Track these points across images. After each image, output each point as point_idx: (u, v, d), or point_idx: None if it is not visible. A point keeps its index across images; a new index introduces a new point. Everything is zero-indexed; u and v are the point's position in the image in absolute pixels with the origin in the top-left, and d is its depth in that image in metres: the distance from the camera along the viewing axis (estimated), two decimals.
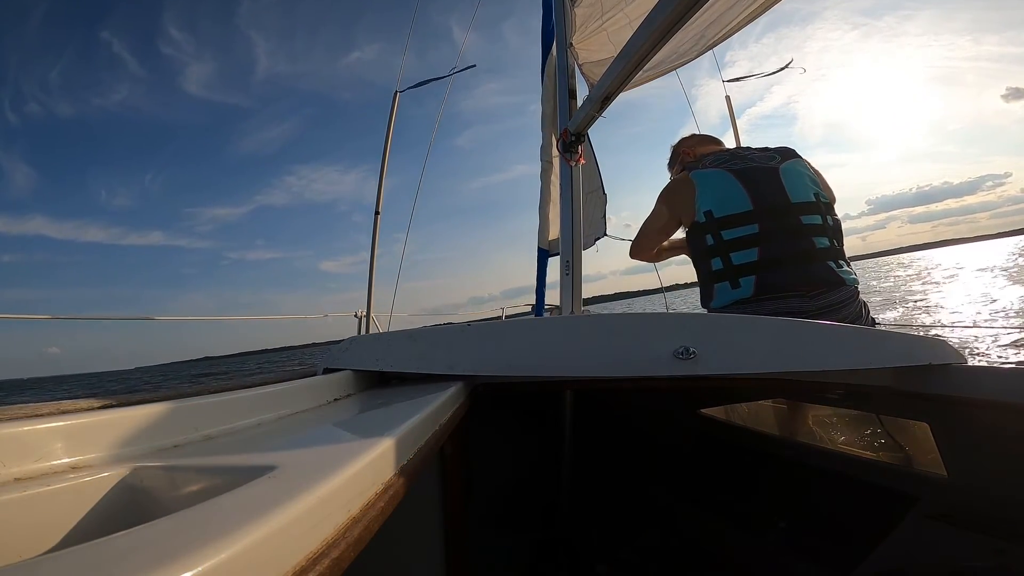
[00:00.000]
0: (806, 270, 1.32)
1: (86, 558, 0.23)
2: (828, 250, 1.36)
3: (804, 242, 1.34)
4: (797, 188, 1.39)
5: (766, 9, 1.63)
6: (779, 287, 1.33)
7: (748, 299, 1.36)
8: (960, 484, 0.90)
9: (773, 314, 1.33)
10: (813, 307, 1.33)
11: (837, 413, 1.36)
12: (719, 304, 1.42)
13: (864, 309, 1.41)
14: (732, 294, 1.39)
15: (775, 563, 1.24)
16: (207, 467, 0.41)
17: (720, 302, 1.42)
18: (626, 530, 1.62)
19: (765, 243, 1.35)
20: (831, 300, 1.33)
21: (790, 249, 1.34)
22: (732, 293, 1.39)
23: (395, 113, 3.35)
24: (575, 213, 1.96)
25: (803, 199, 1.38)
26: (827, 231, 1.37)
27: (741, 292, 1.37)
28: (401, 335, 0.92)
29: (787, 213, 1.36)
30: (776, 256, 1.34)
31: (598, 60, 2.46)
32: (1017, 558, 0.80)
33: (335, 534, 0.31)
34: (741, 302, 1.38)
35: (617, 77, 1.41)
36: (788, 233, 1.35)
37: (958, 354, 0.90)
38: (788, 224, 1.35)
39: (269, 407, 0.63)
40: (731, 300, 1.39)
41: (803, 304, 1.33)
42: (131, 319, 2.68)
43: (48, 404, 0.46)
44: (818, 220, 1.37)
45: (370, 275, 3.18)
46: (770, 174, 1.41)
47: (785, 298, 1.34)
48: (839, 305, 1.34)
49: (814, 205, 1.38)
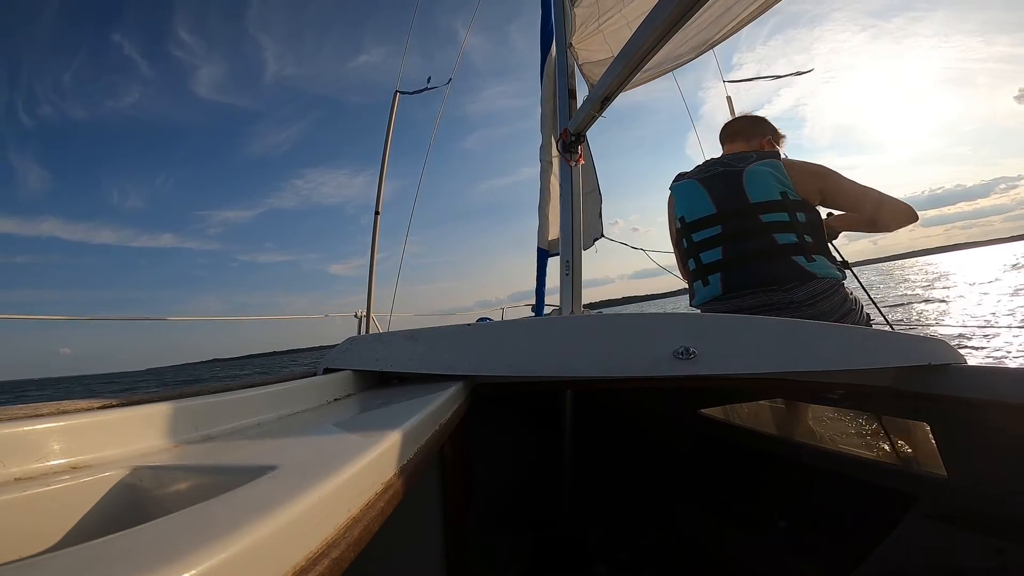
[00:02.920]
0: (768, 266, 1.39)
1: (86, 558, 0.23)
2: (795, 246, 1.38)
3: (764, 240, 1.40)
4: (759, 188, 1.45)
5: (765, 10, 1.64)
6: (743, 283, 1.42)
7: (720, 296, 1.46)
8: (960, 484, 0.90)
9: (746, 309, 1.41)
10: (786, 300, 1.36)
11: (837, 413, 1.36)
12: (699, 302, 1.54)
13: (851, 304, 1.40)
14: (706, 292, 1.50)
15: (775, 563, 1.25)
16: (207, 467, 0.41)
17: (699, 300, 1.54)
18: (626, 530, 1.62)
19: (727, 242, 1.46)
20: (805, 294, 1.35)
21: (751, 247, 1.42)
22: (705, 291, 1.50)
23: (395, 113, 3.35)
24: (575, 213, 1.96)
25: (764, 198, 1.43)
26: (795, 227, 1.40)
27: (711, 290, 1.48)
28: (401, 335, 0.92)
29: (747, 213, 1.44)
30: (737, 254, 1.44)
31: (597, 60, 2.46)
32: (1017, 558, 0.80)
33: (335, 534, 0.31)
34: (715, 299, 1.48)
35: (617, 77, 1.41)
36: (748, 232, 1.43)
37: (958, 354, 0.90)
38: (748, 224, 1.43)
39: (269, 407, 0.63)
40: (707, 297, 1.50)
41: (775, 298, 1.37)
42: (143, 319, 2.69)
43: (48, 404, 0.46)
44: (783, 217, 1.41)
45: (370, 275, 3.18)
46: (733, 177, 1.50)
47: (755, 293, 1.40)
48: (814, 299, 1.35)
49: (778, 203, 1.42)
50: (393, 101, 3.35)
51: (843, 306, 1.38)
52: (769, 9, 1.63)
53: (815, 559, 1.16)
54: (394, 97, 3.36)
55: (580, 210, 2.00)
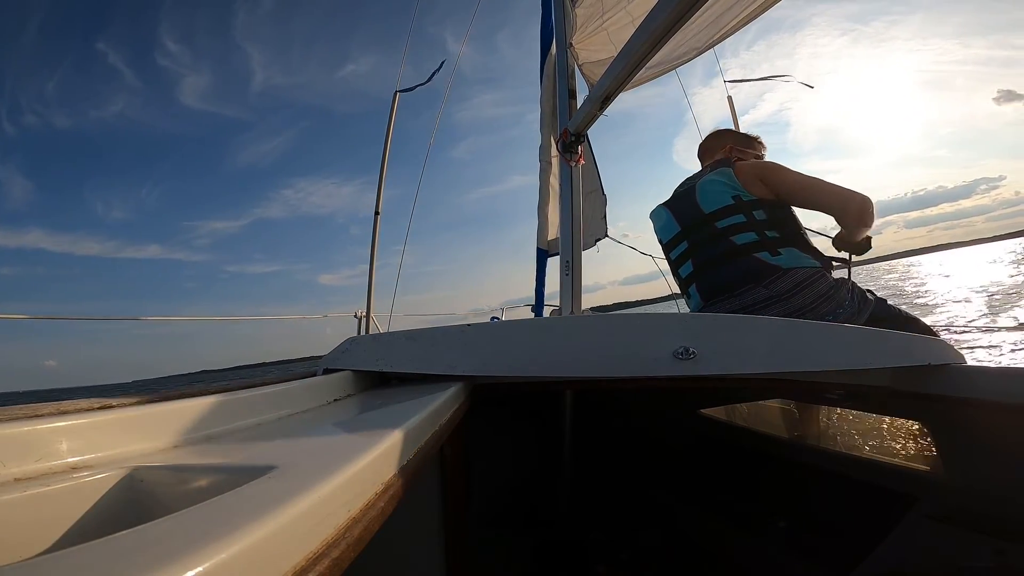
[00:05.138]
0: (733, 267, 1.44)
1: (86, 558, 0.23)
2: (756, 243, 1.43)
3: (723, 244, 1.47)
4: (710, 198, 1.53)
5: (766, 9, 1.64)
6: (717, 289, 1.48)
7: (702, 306, 1.53)
8: (960, 484, 0.90)
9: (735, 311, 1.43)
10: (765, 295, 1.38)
11: (836, 413, 1.36)
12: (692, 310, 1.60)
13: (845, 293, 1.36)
14: (692, 304, 1.60)
15: (775, 563, 1.25)
16: (207, 467, 0.41)
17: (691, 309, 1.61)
18: (626, 530, 1.62)
19: (694, 254, 1.55)
20: (784, 286, 1.36)
21: (714, 253, 1.49)
22: (691, 303, 1.60)
23: (395, 113, 3.36)
24: (575, 213, 1.96)
25: (717, 206, 1.50)
26: (753, 226, 1.44)
27: (694, 301, 1.57)
28: (401, 335, 0.92)
29: (704, 223, 1.52)
30: (704, 263, 1.52)
31: (598, 60, 2.46)
32: (1017, 558, 0.80)
33: (335, 534, 0.31)
34: (699, 309, 1.54)
35: (618, 77, 1.42)
36: (708, 240, 1.51)
37: (957, 354, 0.90)
38: (706, 232, 1.52)
39: (269, 407, 0.63)
40: (693, 309, 1.58)
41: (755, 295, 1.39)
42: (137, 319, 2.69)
43: (48, 404, 0.46)
44: (739, 219, 1.46)
45: (370, 275, 3.18)
46: (688, 194, 1.59)
47: (732, 296, 1.43)
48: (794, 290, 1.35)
49: (731, 208, 1.48)
50: (393, 101, 3.36)
51: (834, 295, 1.34)
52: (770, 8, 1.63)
53: (815, 559, 1.16)
54: (394, 97, 3.36)
55: (580, 210, 2.00)
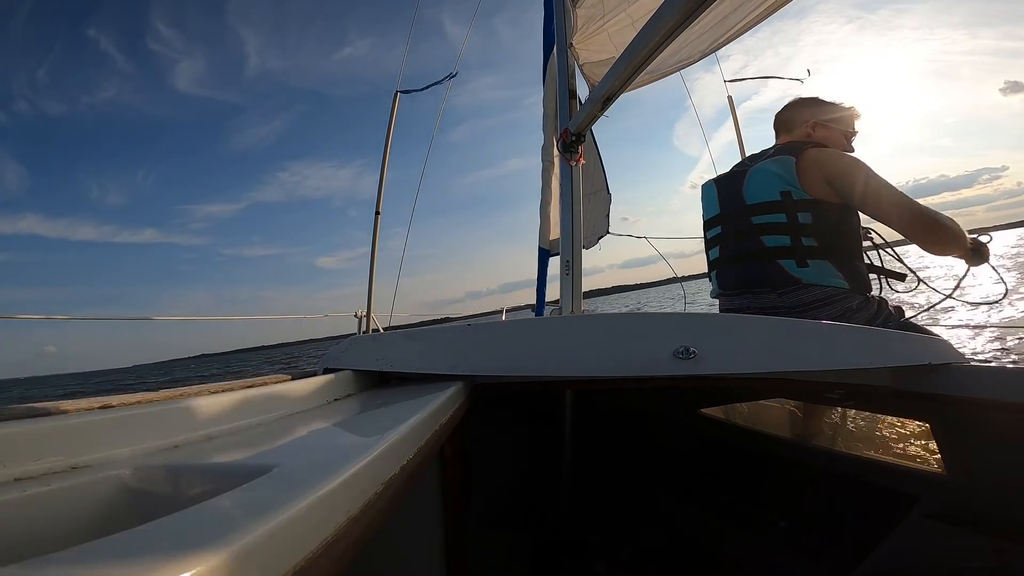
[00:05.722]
0: (751, 268, 1.38)
1: (86, 558, 0.23)
2: (785, 248, 1.30)
3: (752, 241, 1.37)
4: (756, 189, 1.38)
5: (772, 12, 1.61)
6: (731, 284, 1.44)
7: (720, 293, 1.52)
8: (960, 484, 0.90)
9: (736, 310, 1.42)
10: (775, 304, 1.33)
11: (837, 413, 1.36)
12: (712, 295, 1.60)
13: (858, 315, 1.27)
14: (713, 287, 1.58)
15: (775, 563, 1.25)
16: (207, 467, 0.41)
17: (712, 293, 1.60)
18: (626, 530, 1.61)
19: (724, 243, 1.49)
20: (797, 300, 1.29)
21: (740, 249, 1.42)
22: (712, 286, 1.58)
23: (395, 114, 3.35)
24: (575, 213, 1.96)
25: (760, 200, 1.36)
26: (791, 229, 1.29)
27: (714, 288, 1.55)
28: (401, 335, 0.92)
29: (740, 215, 1.42)
30: (729, 255, 1.46)
31: (599, 60, 2.45)
32: (1017, 558, 0.80)
33: (335, 534, 0.31)
34: (718, 295, 1.54)
35: (618, 79, 1.41)
36: (740, 234, 1.42)
37: (958, 353, 0.90)
38: (741, 225, 1.42)
39: (269, 407, 0.63)
40: (714, 293, 1.57)
41: (765, 301, 1.35)
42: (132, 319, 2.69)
43: (48, 404, 0.46)
44: (779, 219, 1.32)
45: (370, 275, 3.18)
46: (736, 178, 1.46)
47: (742, 295, 1.40)
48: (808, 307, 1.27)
49: (775, 204, 1.33)
50: (393, 102, 3.35)
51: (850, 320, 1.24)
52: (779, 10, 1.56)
53: (815, 559, 1.16)
54: (394, 97, 3.35)
55: (580, 210, 2.00)
